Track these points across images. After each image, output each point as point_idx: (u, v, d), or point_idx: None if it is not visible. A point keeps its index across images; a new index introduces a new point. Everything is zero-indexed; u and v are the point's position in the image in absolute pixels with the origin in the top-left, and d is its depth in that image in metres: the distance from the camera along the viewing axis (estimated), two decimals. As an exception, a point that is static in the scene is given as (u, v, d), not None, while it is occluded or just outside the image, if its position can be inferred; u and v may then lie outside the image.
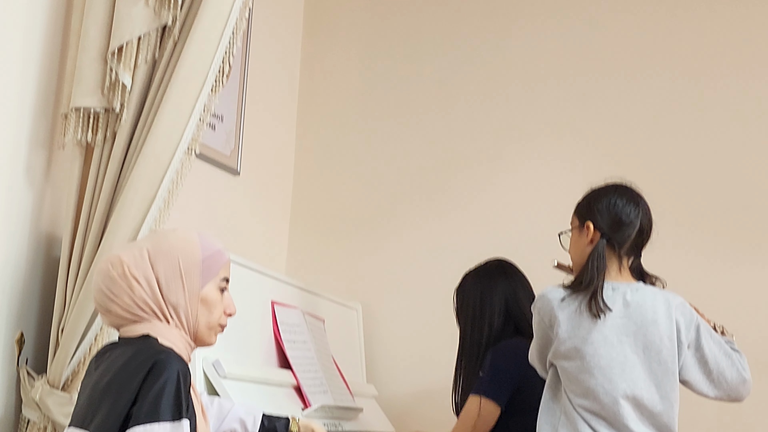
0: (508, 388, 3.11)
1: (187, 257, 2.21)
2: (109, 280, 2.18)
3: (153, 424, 1.97)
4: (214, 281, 2.26)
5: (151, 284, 2.17)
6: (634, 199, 2.70)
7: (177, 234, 2.25)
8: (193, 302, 2.21)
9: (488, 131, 4.24)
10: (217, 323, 2.28)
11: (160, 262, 2.19)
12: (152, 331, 2.16)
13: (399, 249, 4.29)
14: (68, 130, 2.84)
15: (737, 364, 2.70)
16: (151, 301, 2.17)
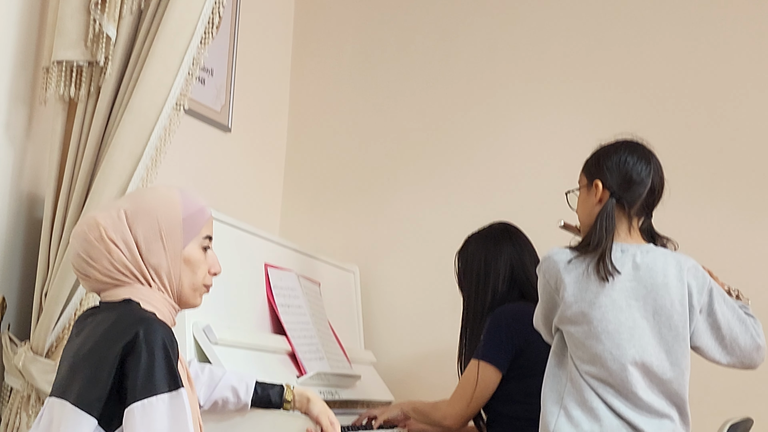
0: (508, 353, 3.07)
1: (167, 217, 2.16)
2: (87, 244, 2.13)
3: (150, 397, 1.94)
4: (197, 240, 2.21)
5: (130, 247, 2.12)
6: (645, 157, 2.64)
7: (155, 192, 2.21)
8: (175, 263, 2.16)
9: (491, 89, 4.18)
10: (201, 284, 2.24)
11: (138, 224, 2.14)
12: (134, 296, 2.12)
13: (398, 209, 4.24)
14: (50, 84, 2.82)
15: (751, 329, 2.65)
16: (131, 265, 2.12)
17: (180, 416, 1.96)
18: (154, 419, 1.93)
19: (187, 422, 1.97)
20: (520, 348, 3.06)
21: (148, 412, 1.93)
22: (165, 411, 1.94)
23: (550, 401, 2.56)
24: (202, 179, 3.83)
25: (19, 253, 2.88)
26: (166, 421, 1.94)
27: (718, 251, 3.53)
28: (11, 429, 2.72)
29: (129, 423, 1.94)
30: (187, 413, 1.97)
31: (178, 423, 1.95)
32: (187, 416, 1.97)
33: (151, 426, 1.92)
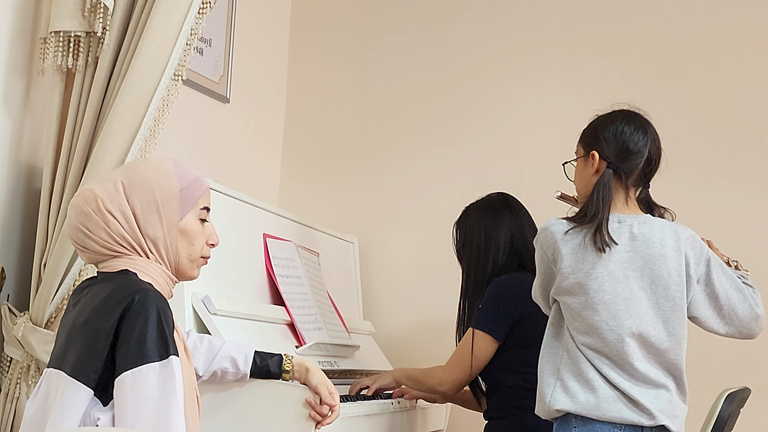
0: (505, 323, 3.06)
1: (163, 188, 2.16)
2: (84, 216, 2.13)
3: (141, 366, 1.95)
4: (194, 212, 2.21)
5: (127, 218, 2.12)
6: (642, 127, 2.62)
7: (152, 164, 2.20)
8: (172, 234, 2.17)
9: (489, 60, 4.16)
10: (198, 255, 2.24)
11: (135, 195, 2.14)
12: (131, 266, 2.12)
13: (397, 180, 4.23)
14: (47, 54, 2.81)
15: (749, 299, 2.64)
16: (129, 236, 2.12)
17: (169, 385, 1.96)
18: (144, 388, 1.93)
19: (177, 391, 1.97)
20: (518, 318, 3.05)
21: (139, 380, 1.93)
22: (155, 380, 1.94)
23: (547, 372, 2.56)
24: (200, 150, 3.82)
25: (18, 224, 2.87)
26: (156, 390, 1.94)
27: (718, 222, 3.54)
28: (11, 399, 2.72)
29: (119, 392, 1.94)
30: (177, 382, 1.97)
31: (167, 392, 1.95)
32: (176, 385, 1.97)
33: (141, 394, 1.93)
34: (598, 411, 2.45)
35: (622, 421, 2.45)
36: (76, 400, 1.96)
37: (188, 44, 2.82)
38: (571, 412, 2.48)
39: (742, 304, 2.60)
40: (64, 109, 2.82)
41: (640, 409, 2.45)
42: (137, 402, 1.92)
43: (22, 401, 2.70)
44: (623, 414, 2.45)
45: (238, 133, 4.13)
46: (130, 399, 1.93)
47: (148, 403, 1.93)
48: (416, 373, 3.23)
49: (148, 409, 1.93)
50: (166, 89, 2.77)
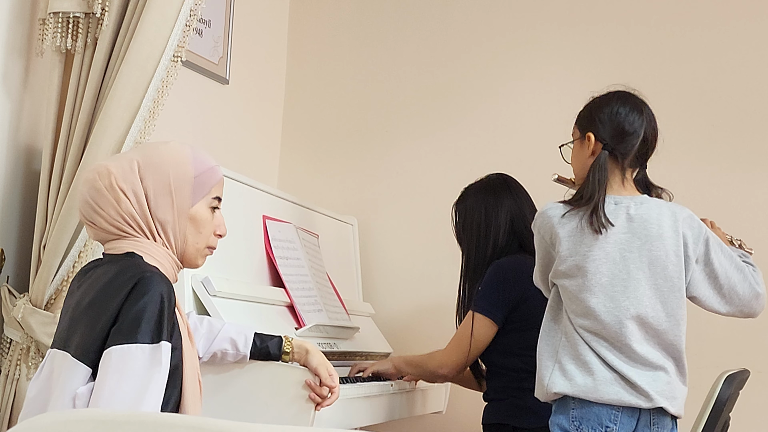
0: (504, 305, 3.06)
1: (178, 173, 2.15)
2: (95, 191, 2.11)
3: (131, 345, 1.94)
4: (205, 200, 2.20)
5: (138, 198, 2.11)
6: (637, 107, 2.61)
7: (169, 147, 2.18)
8: (181, 220, 2.16)
9: (488, 40, 4.15)
10: (205, 245, 2.23)
11: (149, 176, 2.13)
12: (137, 249, 2.11)
13: (397, 161, 4.23)
14: (46, 36, 2.80)
15: (750, 278, 2.64)
16: (138, 216, 2.12)
17: (155, 369, 1.95)
18: (129, 367, 1.92)
19: (161, 377, 1.96)
20: (518, 301, 3.05)
21: (125, 358, 1.92)
22: (142, 361, 1.93)
23: (545, 356, 2.57)
24: (200, 132, 3.81)
25: (18, 205, 2.86)
26: (141, 371, 1.92)
27: (718, 202, 3.54)
28: (11, 380, 2.72)
29: (104, 364, 1.93)
30: (162, 368, 1.96)
31: (152, 376, 1.94)
32: (161, 371, 1.96)
33: (125, 372, 1.91)
34: (596, 393, 2.46)
35: (620, 403, 2.46)
36: (79, 380, 1.95)
37: (187, 25, 2.80)
38: (569, 394, 2.49)
39: (742, 283, 2.61)
40: (63, 90, 2.81)
41: (637, 392, 2.46)
42: (119, 379, 1.91)
43: (22, 383, 2.70)
44: (621, 396, 2.45)
45: (238, 115, 4.12)
46: (112, 374, 1.91)
47: (129, 382, 1.91)
48: (416, 358, 3.23)
49: (128, 388, 1.91)
50: (166, 71, 2.75)
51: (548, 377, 2.52)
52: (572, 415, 2.49)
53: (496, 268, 3.09)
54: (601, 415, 2.47)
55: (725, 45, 3.76)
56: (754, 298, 2.63)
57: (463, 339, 3.08)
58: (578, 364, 2.49)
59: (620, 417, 2.47)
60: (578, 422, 2.48)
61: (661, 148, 2.65)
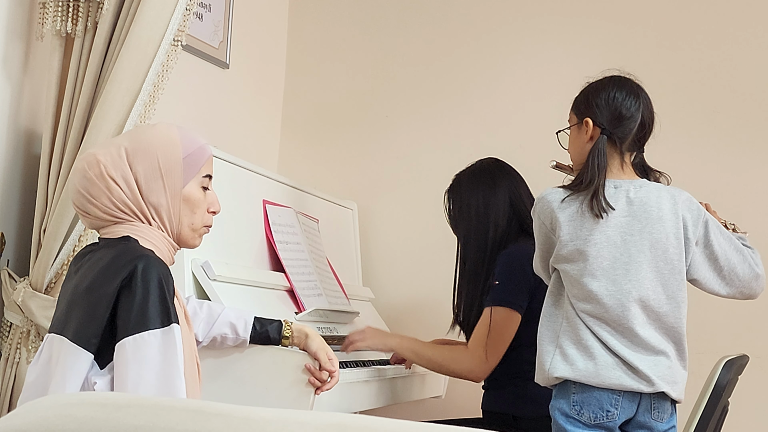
0: (525, 292, 3.02)
1: (167, 155, 2.15)
2: (87, 181, 2.12)
3: (143, 333, 1.95)
4: (196, 179, 2.21)
5: (130, 185, 2.12)
6: (634, 92, 2.62)
7: (156, 130, 2.19)
8: (175, 202, 2.16)
9: (488, 25, 4.14)
10: (201, 224, 2.24)
11: (138, 162, 2.13)
12: (133, 233, 2.12)
13: (397, 146, 4.23)
14: (46, 19, 2.79)
15: (749, 259, 2.66)
16: (131, 203, 2.12)
17: (171, 352, 1.97)
18: (146, 354, 1.94)
19: (178, 358, 1.98)
20: (533, 290, 3.01)
21: (140, 346, 1.94)
22: (157, 346, 1.95)
23: (546, 340, 2.57)
24: (200, 116, 3.80)
25: (18, 189, 2.86)
26: (158, 356, 1.95)
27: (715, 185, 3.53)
28: (11, 363, 2.72)
29: (120, 357, 1.95)
30: (178, 350, 1.98)
31: (168, 359, 1.96)
32: (178, 352, 1.98)
33: (143, 361, 1.93)
34: (597, 378, 2.46)
35: (621, 387, 2.46)
36: (78, 365, 1.96)
37: (188, 9, 2.79)
38: (570, 379, 2.49)
39: (741, 264, 2.62)
40: (63, 74, 2.80)
41: (639, 376, 2.46)
42: (139, 368, 1.93)
43: (22, 366, 2.71)
44: (622, 381, 2.46)
45: (238, 99, 4.11)
46: (132, 364, 1.93)
47: (149, 369, 1.94)
48: (433, 354, 3.10)
49: (150, 375, 1.93)
50: (166, 55, 2.74)
51: (549, 362, 2.53)
52: (573, 400, 2.50)
53: (508, 258, 3.05)
54: (602, 400, 2.47)
55: (726, 30, 3.76)
56: (753, 279, 2.65)
57: (495, 339, 2.99)
58: (579, 349, 2.49)
59: (621, 401, 2.47)
60: (579, 406, 2.48)
61: (661, 132, 2.66)
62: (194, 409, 1.03)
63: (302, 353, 2.57)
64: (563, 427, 2.51)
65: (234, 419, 1.01)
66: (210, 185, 2.25)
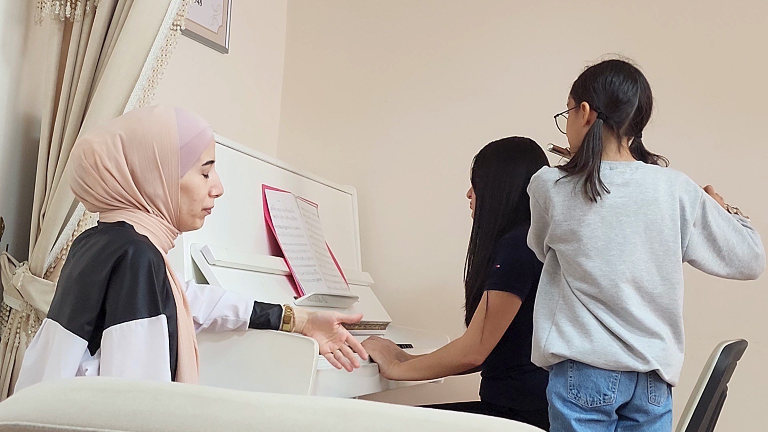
0: (528, 278, 2.99)
1: (163, 145, 2.12)
2: (82, 169, 2.11)
3: (129, 322, 1.95)
4: (196, 167, 2.18)
5: (124, 175, 2.10)
6: (631, 76, 2.62)
7: (153, 116, 2.15)
8: (172, 191, 2.14)
9: (488, 8, 4.14)
10: (200, 208, 2.22)
11: (134, 152, 2.10)
12: (129, 219, 2.12)
13: (396, 130, 4.22)
14: (45, 3, 2.77)
15: (748, 239, 2.65)
16: (126, 193, 2.11)
17: (157, 343, 1.97)
18: (132, 343, 1.93)
19: (164, 349, 1.98)
20: (534, 275, 3.00)
21: (126, 335, 1.93)
22: (143, 336, 1.94)
23: (542, 317, 2.57)
24: (199, 100, 3.79)
25: (17, 174, 2.86)
26: (144, 346, 1.94)
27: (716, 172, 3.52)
28: (10, 348, 2.73)
29: (106, 345, 1.95)
30: (164, 340, 1.98)
31: (154, 349, 1.96)
32: (164, 343, 1.98)
33: (128, 350, 1.93)
34: (594, 355, 2.46)
35: (617, 365, 2.46)
36: (72, 351, 1.97)
37: (187, -6, 2.79)
38: (567, 356, 2.49)
39: (741, 244, 2.62)
40: (62, 58, 2.79)
41: (634, 354, 2.46)
42: (123, 357, 1.93)
43: (22, 351, 2.71)
44: (618, 358, 2.46)
45: (237, 84, 4.11)
46: (116, 353, 1.93)
47: (134, 359, 1.93)
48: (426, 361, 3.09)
49: (135, 365, 1.93)
50: (165, 39, 2.73)
51: (545, 339, 2.53)
52: (570, 383, 2.49)
53: (511, 242, 3.02)
54: (599, 382, 2.47)
55: (725, 14, 3.75)
56: (753, 259, 2.64)
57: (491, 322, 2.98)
58: (576, 326, 2.49)
59: (618, 384, 2.47)
60: (576, 390, 2.48)
61: (661, 117, 2.65)
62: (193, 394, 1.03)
63: (302, 338, 2.58)
64: (560, 412, 2.51)
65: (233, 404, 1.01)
66: (212, 171, 2.22)
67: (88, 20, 2.77)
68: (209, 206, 2.24)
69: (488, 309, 2.98)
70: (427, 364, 3.09)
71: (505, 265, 2.99)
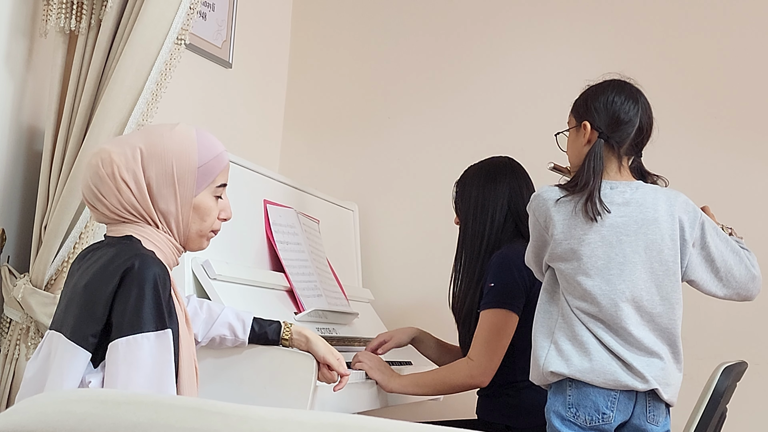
0: (521, 294, 3.00)
1: (182, 163, 2.13)
2: (98, 178, 2.11)
3: (136, 335, 1.94)
4: (209, 188, 2.19)
5: (140, 188, 2.10)
6: (633, 96, 2.63)
7: (174, 134, 2.15)
8: (184, 210, 2.15)
9: (491, 26, 4.15)
10: (209, 230, 2.23)
11: (152, 166, 2.11)
12: (137, 233, 2.11)
13: (399, 147, 4.23)
14: (50, 16, 2.78)
15: (746, 260, 2.67)
16: (140, 206, 2.11)
17: (163, 357, 1.96)
18: (138, 357, 1.93)
19: (170, 363, 1.97)
20: (528, 289, 3.00)
21: (133, 349, 1.93)
22: (149, 350, 1.94)
23: (541, 336, 2.57)
24: (202, 115, 3.80)
25: (19, 185, 2.86)
26: (149, 360, 1.94)
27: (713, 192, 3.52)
28: (10, 360, 2.72)
29: (112, 358, 1.94)
30: (170, 354, 1.98)
31: (160, 363, 1.95)
32: (170, 357, 1.97)
33: (134, 363, 1.92)
34: (593, 374, 2.46)
35: (616, 384, 2.46)
36: (75, 363, 1.96)
37: (191, 8, 2.79)
38: (566, 374, 2.48)
39: (738, 266, 2.63)
40: (66, 71, 2.80)
41: (634, 373, 2.47)
42: (129, 370, 1.92)
43: (21, 362, 2.70)
44: (617, 377, 2.46)
45: (240, 99, 4.11)
46: (122, 366, 1.92)
47: (140, 372, 1.92)
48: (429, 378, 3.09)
49: (140, 378, 1.92)
50: (169, 53, 2.74)
51: (544, 357, 2.52)
52: (569, 402, 2.49)
53: (501, 259, 3.03)
54: (598, 402, 2.47)
55: (726, 34, 3.76)
56: (750, 281, 2.65)
57: (493, 341, 2.97)
58: (575, 344, 2.49)
59: (617, 403, 2.47)
60: (575, 409, 2.48)
61: (660, 137, 2.66)
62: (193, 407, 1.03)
63: (301, 354, 2.58)
64: (559, 430, 2.50)
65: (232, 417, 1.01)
66: (224, 194, 2.23)
67: (92, 33, 2.77)
68: (217, 228, 2.25)
69: (489, 328, 2.97)
70: (431, 381, 3.08)
71: (498, 282, 2.99)
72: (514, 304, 2.98)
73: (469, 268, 3.15)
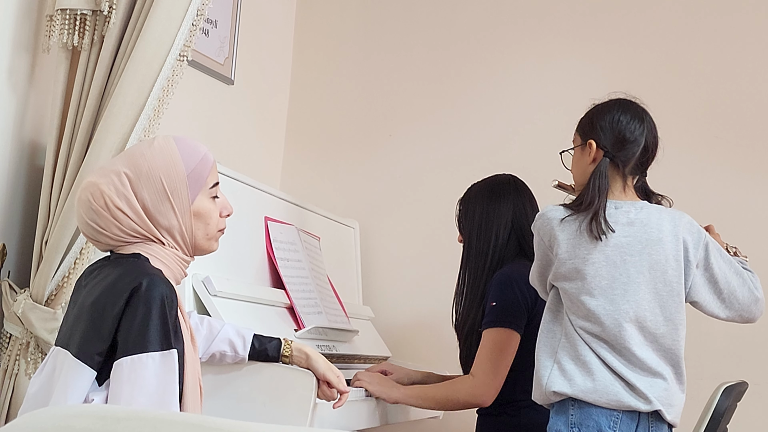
0: (523, 313, 3.00)
1: (171, 175, 2.12)
2: (93, 213, 2.10)
3: (141, 354, 1.94)
4: (204, 191, 2.19)
5: (137, 212, 2.10)
6: (638, 115, 2.62)
7: (155, 150, 2.14)
8: (186, 220, 2.15)
9: (493, 45, 4.15)
10: (215, 231, 2.23)
11: (143, 188, 2.10)
12: (144, 251, 2.12)
13: (400, 165, 4.23)
14: (53, 32, 2.79)
15: (749, 282, 2.65)
16: (141, 229, 2.11)
17: (168, 377, 1.96)
18: (142, 376, 1.92)
19: (174, 384, 1.97)
20: (531, 307, 3.00)
21: (137, 368, 1.92)
22: (154, 370, 1.93)
23: (544, 355, 2.56)
24: (204, 131, 3.80)
25: (20, 201, 2.86)
26: (153, 380, 1.93)
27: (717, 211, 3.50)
28: (9, 375, 2.72)
29: (116, 376, 1.93)
30: (175, 375, 1.97)
31: (164, 383, 1.95)
32: (174, 378, 1.97)
33: (137, 383, 1.92)
34: (595, 394, 2.45)
35: (619, 405, 2.45)
36: (80, 381, 1.95)
37: (194, 25, 2.80)
38: (569, 394, 2.47)
39: (741, 288, 2.62)
40: (68, 87, 2.80)
41: (637, 394, 2.45)
42: (132, 389, 1.92)
43: (21, 378, 2.70)
44: (620, 397, 2.45)
45: (242, 116, 4.12)
46: (126, 385, 1.92)
47: (143, 392, 1.92)
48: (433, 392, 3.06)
49: (144, 397, 1.92)
50: (171, 70, 2.75)
51: (547, 376, 2.52)
52: (571, 421, 2.48)
53: (503, 278, 3.03)
54: (600, 421, 2.46)
55: (730, 56, 3.76)
56: (753, 303, 2.64)
57: (496, 360, 2.96)
58: (578, 364, 2.48)
59: (619, 423, 2.46)
60: (577, 428, 2.47)
61: (665, 157, 2.66)
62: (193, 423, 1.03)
63: (301, 371, 2.57)
64: (560, 449, 2.50)
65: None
66: (219, 192, 2.24)
67: (95, 49, 2.78)
68: (222, 227, 2.26)
69: (492, 347, 2.97)
70: (433, 396, 3.05)
71: (500, 301, 2.99)
72: (515, 323, 2.97)
73: (472, 287, 3.14)
